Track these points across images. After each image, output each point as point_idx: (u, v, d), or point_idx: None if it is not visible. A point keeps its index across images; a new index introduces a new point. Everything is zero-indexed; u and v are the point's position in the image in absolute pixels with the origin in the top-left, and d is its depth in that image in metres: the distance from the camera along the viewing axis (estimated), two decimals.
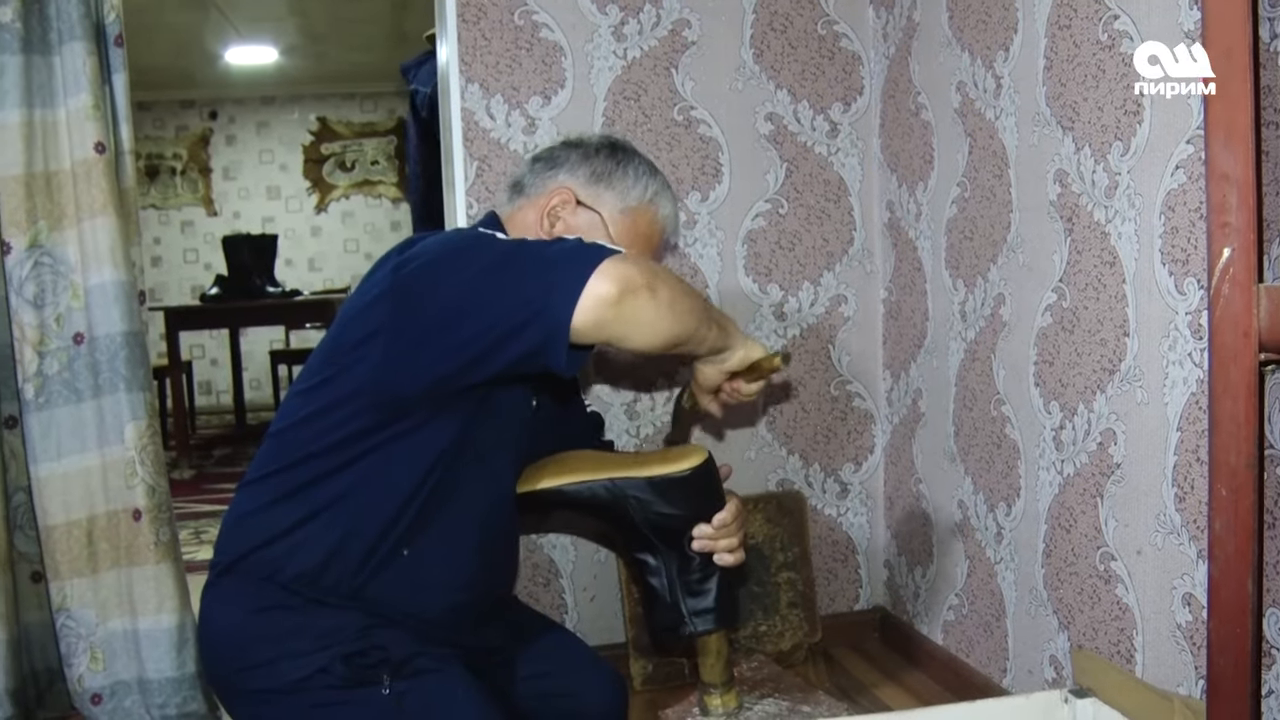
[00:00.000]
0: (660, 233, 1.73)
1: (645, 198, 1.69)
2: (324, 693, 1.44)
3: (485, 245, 1.42)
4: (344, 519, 1.48)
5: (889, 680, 2.53)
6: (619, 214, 1.67)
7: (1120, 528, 1.84)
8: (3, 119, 2.24)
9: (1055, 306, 1.98)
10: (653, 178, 1.71)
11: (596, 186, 1.67)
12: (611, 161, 1.69)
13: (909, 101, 2.50)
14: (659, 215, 1.72)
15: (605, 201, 1.67)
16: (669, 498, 1.63)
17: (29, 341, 2.26)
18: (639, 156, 1.74)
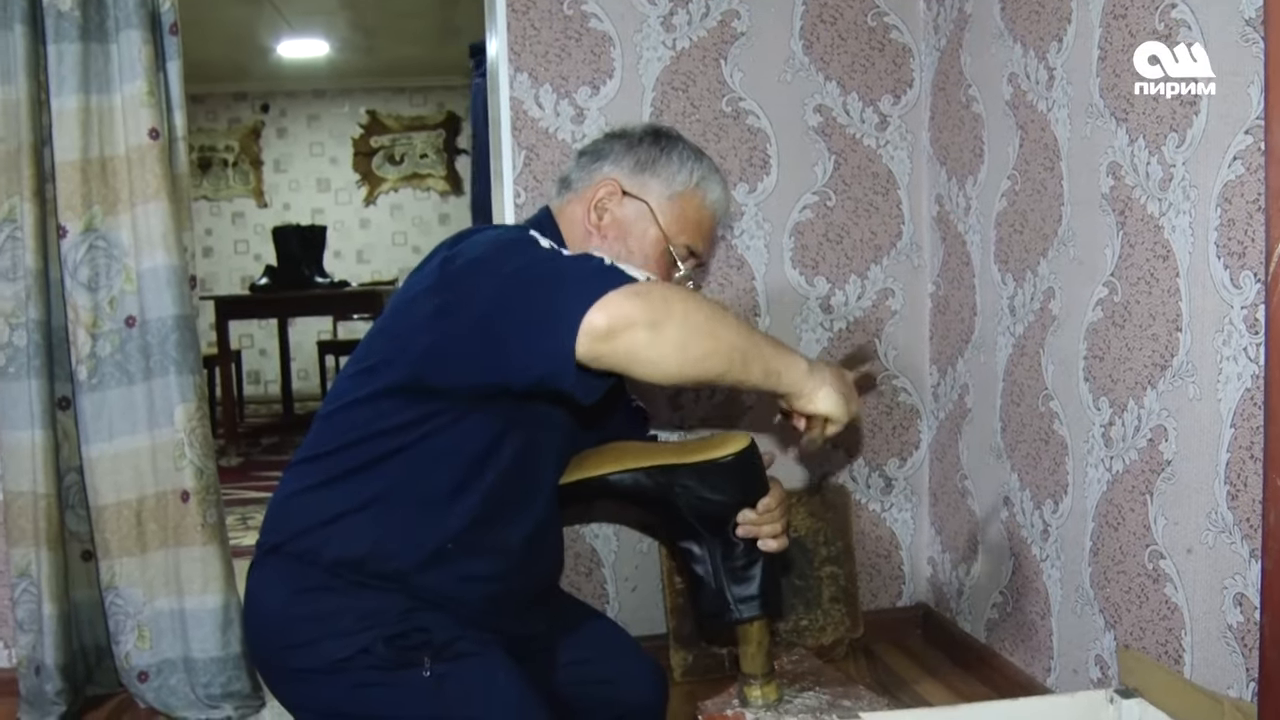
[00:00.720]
0: (711, 217, 1.70)
1: (691, 182, 1.65)
2: (365, 673, 1.45)
3: (521, 251, 1.38)
4: (388, 514, 1.49)
5: (931, 677, 2.51)
6: (665, 201, 1.63)
7: (1170, 526, 1.81)
8: (61, 105, 2.28)
9: (1106, 301, 1.95)
10: (698, 162, 1.67)
11: (641, 175, 1.64)
12: (655, 149, 1.66)
13: (960, 94, 2.47)
14: (707, 199, 1.67)
15: (651, 190, 1.64)
16: (713, 483, 1.63)
17: (82, 324, 2.30)
18: (684, 142, 1.70)
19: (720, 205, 1.71)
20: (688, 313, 1.30)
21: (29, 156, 2.28)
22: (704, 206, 1.67)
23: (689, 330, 1.29)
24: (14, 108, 2.27)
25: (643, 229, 1.63)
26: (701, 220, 1.67)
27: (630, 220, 1.63)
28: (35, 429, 2.30)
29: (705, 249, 1.72)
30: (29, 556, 2.33)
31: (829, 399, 1.45)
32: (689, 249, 1.66)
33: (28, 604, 2.34)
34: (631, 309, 1.25)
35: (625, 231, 1.63)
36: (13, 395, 2.31)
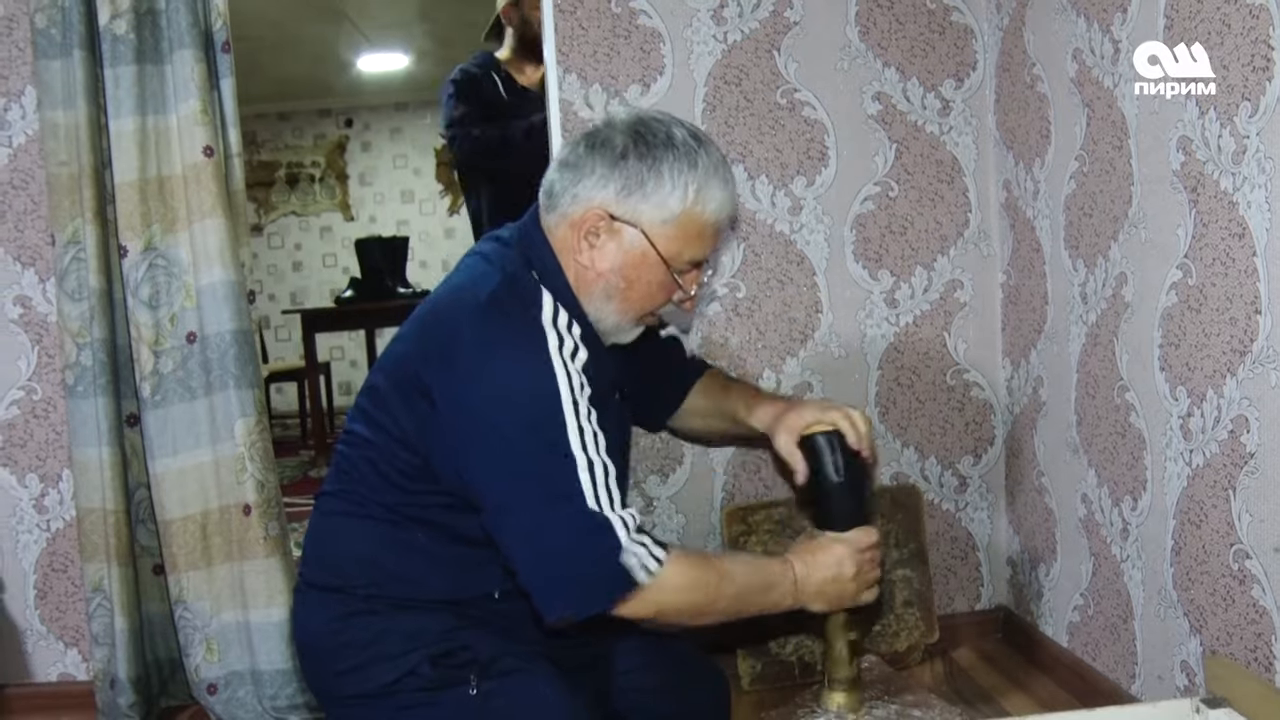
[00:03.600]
0: (715, 228, 1.53)
1: (688, 200, 1.47)
2: (414, 695, 1.45)
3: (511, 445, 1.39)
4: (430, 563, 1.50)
5: (1011, 684, 2.41)
6: (660, 226, 1.48)
7: (1255, 523, 1.69)
8: (119, 127, 2.32)
9: (1180, 284, 1.84)
10: (693, 170, 1.47)
11: (630, 199, 1.47)
12: (641, 166, 1.46)
13: (1024, 74, 2.36)
14: (708, 211, 1.50)
15: (643, 215, 1.47)
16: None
17: (145, 341, 2.33)
18: (673, 146, 1.48)
19: (725, 209, 1.53)
20: (684, 612, 1.44)
21: (90, 179, 2.32)
22: (705, 221, 1.51)
23: (692, 617, 1.46)
24: (74, 131, 2.32)
25: (639, 258, 1.49)
26: (704, 235, 1.52)
27: (625, 250, 1.49)
28: (103, 446, 2.34)
29: (713, 251, 1.60)
30: (101, 571, 2.37)
31: (820, 605, 1.58)
32: (694, 262, 1.53)
33: (101, 618, 2.38)
34: (650, 612, 1.41)
35: (622, 263, 1.50)
36: (82, 413, 2.35)
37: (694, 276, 1.55)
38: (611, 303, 1.51)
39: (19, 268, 2.48)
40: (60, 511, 2.52)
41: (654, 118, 1.51)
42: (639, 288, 1.51)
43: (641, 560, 1.36)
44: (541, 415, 1.37)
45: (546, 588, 1.37)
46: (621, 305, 1.52)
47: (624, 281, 1.50)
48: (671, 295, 1.54)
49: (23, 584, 2.54)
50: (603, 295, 1.51)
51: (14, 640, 2.55)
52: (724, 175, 1.51)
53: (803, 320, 2.54)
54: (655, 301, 1.54)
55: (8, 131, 2.46)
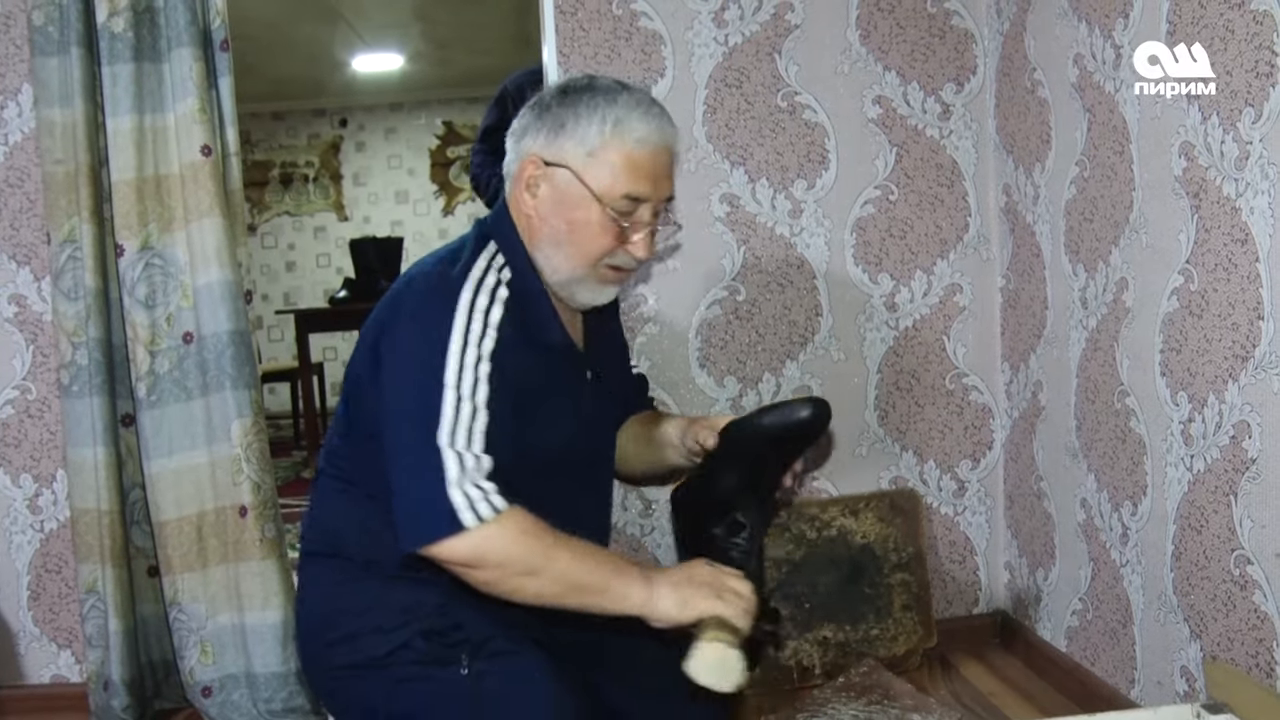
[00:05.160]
0: (645, 161, 1.48)
1: (606, 131, 1.47)
2: (407, 668, 1.46)
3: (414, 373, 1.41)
4: None
5: (1009, 689, 2.40)
6: (586, 160, 1.47)
7: (1256, 528, 1.69)
8: (116, 125, 2.31)
9: (1182, 290, 1.84)
10: (611, 104, 1.48)
11: (557, 140, 1.49)
12: (563, 109, 1.49)
13: (1025, 79, 2.36)
14: (630, 140, 1.47)
15: (569, 153, 1.48)
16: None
17: (141, 341, 2.32)
18: (595, 89, 1.50)
19: (652, 137, 1.49)
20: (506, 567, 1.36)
21: (87, 177, 2.31)
22: (629, 151, 1.47)
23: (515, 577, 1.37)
24: (72, 130, 2.31)
25: (575, 197, 1.48)
26: (635, 163, 1.48)
27: (561, 191, 1.50)
28: (98, 446, 2.32)
29: (655, 188, 1.51)
30: (96, 573, 2.35)
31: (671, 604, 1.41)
32: (631, 197, 1.48)
33: (95, 620, 2.37)
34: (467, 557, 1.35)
35: (559, 205, 1.50)
36: (77, 413, 2.34)
37: (638, 217, 1.51)
38: (560, 250, 1.50)
39: (14, 266, 2.47)
40: (54, 512, 2.51)
41: (584, 73, 1.60)
42: (581, 230, 1.49)
43: (473, 503, 1.33)
44: (428, 352, 1.40)
45: (397, 518, 1.37)
46: (570, 251, 1.50)
47: (565, 224, 1.49)
48: (616, 237, 1.50)
49: (16, 585, 2.53)
50: (551, 243, 1.51)
51: (7, 641, 2.53)
52: (647, 108, 1.49)
53: (803, 323, 2.54)
54: (601, 244, 1.50)
55: (4, 129, 2.44)
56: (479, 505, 1.33)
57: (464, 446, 1.35)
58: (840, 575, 2.49)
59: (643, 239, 1.52)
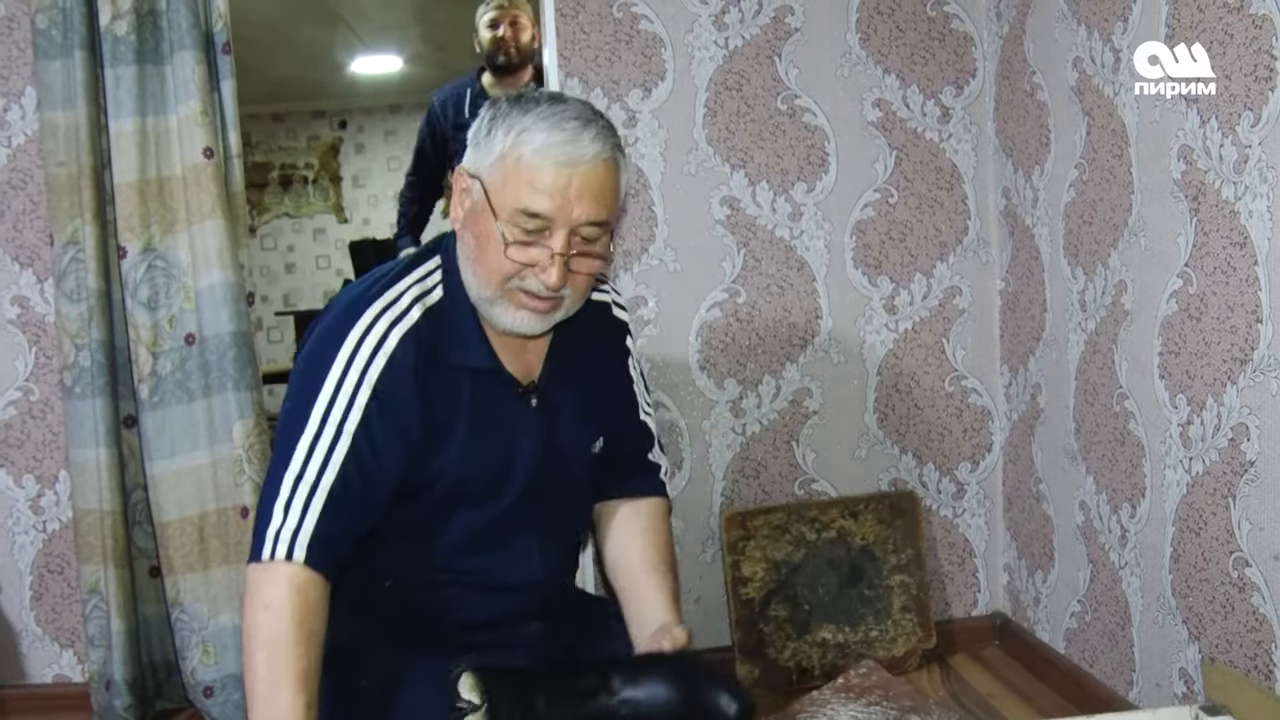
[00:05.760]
0: (548, 173, 1.30)
1: (508, 141, 1.31)
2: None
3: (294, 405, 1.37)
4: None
5: (1008, 690, 2.41)
6: (489, 171, 1.33)
7: (1255, 531, 1.70)
8: (119, 128, 2.31)
9: (1181, 293, 1.84)
10: (521, 115, 1.32)
11: (476, 151, 1.36)
12: (492, 119, 1.36)
13: (1024, 82, 2.37)
14: (526, 153, 1.30)
15: (480, 163, 1.35)
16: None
17: (143, 343, 2.33)
18: (525, 100, 1.35)
19: (553, 150, 1.30)
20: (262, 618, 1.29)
21: (90, 179, 2.32)
22: (527, 159, 1.30)
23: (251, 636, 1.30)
24: (74, 132, 2.31)
25: (480, 209, 1.35)
26: (531, 175, 1.30)
27: (473, 203, 1.37)
28: (100, 447, 2.33)
29: (559, 207, 1.31)
30: (98, 573, 2.36)
31: None
32: (528, 213, 1.30)
33: (98, 620, 2.37)
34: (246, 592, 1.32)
35: (472, 217, 1.37)
36: (79, 414, 2.35)
37: (548, 241, 1.32)
38: (469, 266, 1.38)
39: (17, 268, 2.47)
40: (57, 513, 2.51)
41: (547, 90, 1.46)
42: (484, 245, 1.34)
43: (277, 543, 1.28)
44: (308, 380, 1.35)
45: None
46: (477, 268, 1.36)
47: (474, 238, 1.36)
48: (519, 258, 1.32)
49: (19, 585, 2.53)
50: (464, 258, 1.39)
51: (9, 641, 2.54)
52: (557, 123, 1.31)
53: (802, 326, 2.54)
54: (502, 263, 1.33)
55: (7, 131, 2.45)
56: (278, 548, 1.28)
57: (300, 501, 1.30)
58: (839, 577, 2.50)
59: (549, 265, 1.32)
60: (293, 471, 1.30)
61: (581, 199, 1.31)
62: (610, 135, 1.35)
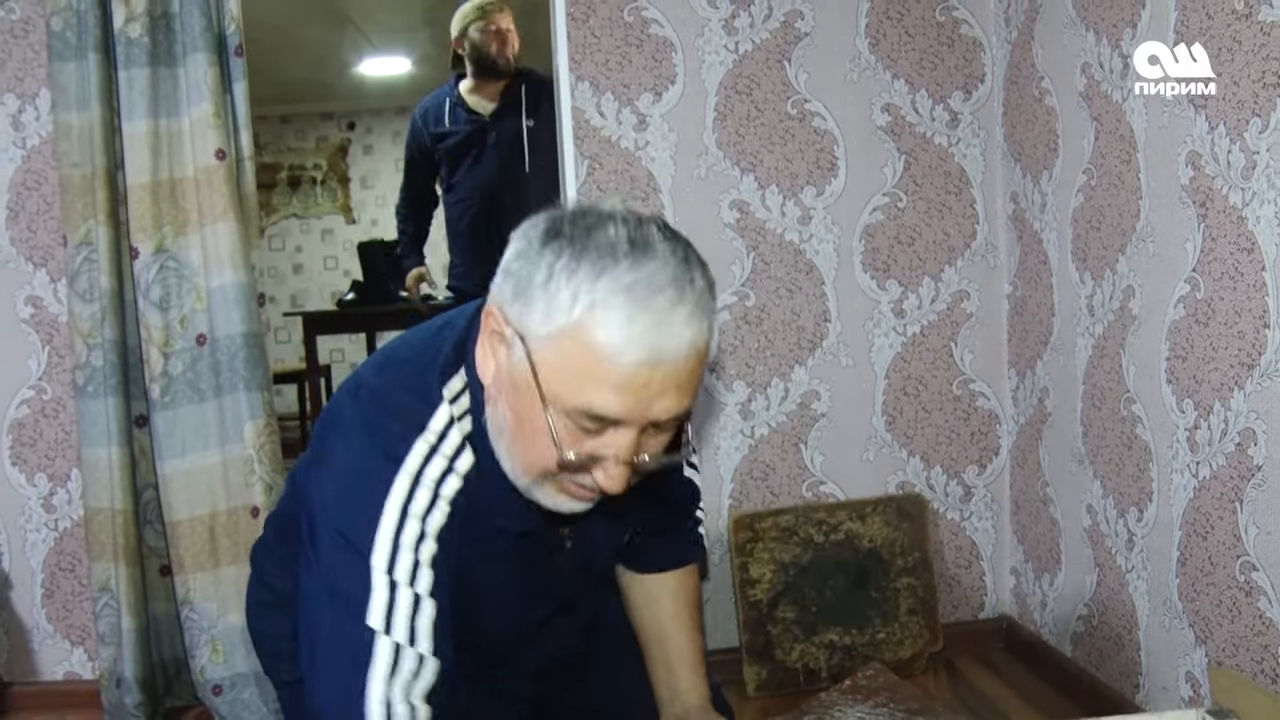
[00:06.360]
0: (626, 375, 0.99)
1: (574, 314, 0.99)
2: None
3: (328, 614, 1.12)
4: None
5: (1014, 693, 2.42)
6: (542, 341, 1.02)
7: (1262, 535, 1.70)
8: (132, 129, 2.33)
9: (1188, 298, 1.85)
10: (594, 277, 0.99)
11: (521, 297, 1.03)
12: (543, 257, 1.02)
13: (1032, 87, 2.38)
14: (599, 341, 0.98)
15: (528, 322, 1.03)
16: None
17: (155, 343, 2.34)
18: (589, 239, 1.01)
19: (632, 342, 0.98)
20: None
21: (103, 180, 2.33)
22: (598, 350, 0.99)
23: None
24: (88, 133, 2.33)
25: (522, 384, 1.05)
26: (604, 371, 0.99)
27: (512, 368, 1.06)
28: (112, 446, 2.34)
29: (636, 410, 1.02)
30: (109, 571, 2.37)
31: None
32: (589, 414, 1.02)
33: (108, 618, 2.39)
34: None
35: (510, 385, 1.07)
36: (91, 414, 2.36)
37: (610, 440, 1.05)
38: (502, 442, 1.12)
39: (31, 268, 2.49)
40: (68, 511, 2.53)
41: (616, 209, 1.06)
42: (525, 430, 1.07)
43: (394, 713, 1.07)
44: (355, 519, 1.10)
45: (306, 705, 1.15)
46: (512, 450, 1.11)
47: (511, 415, 1.08)
48: (567, 457, 1.05)
49: (30, 582, 2.55)
50: (496, 430, 1.13)
51: (21, 638, 2.55)
52: (643, 298, 0.98)
53: (811, 329, 2.55)
54: (545, 457, 1.07)
55: (22, 133, 2.47)
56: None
57: (405, 639, 1.08)
58: (847, 579, 2.51)
59: (611, 470, 1.06)
60: (391, 634, 1.08)
61: (664, 396, 1.02)
62: (706, 301, 1.04)
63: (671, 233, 1.06)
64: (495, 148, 3.61)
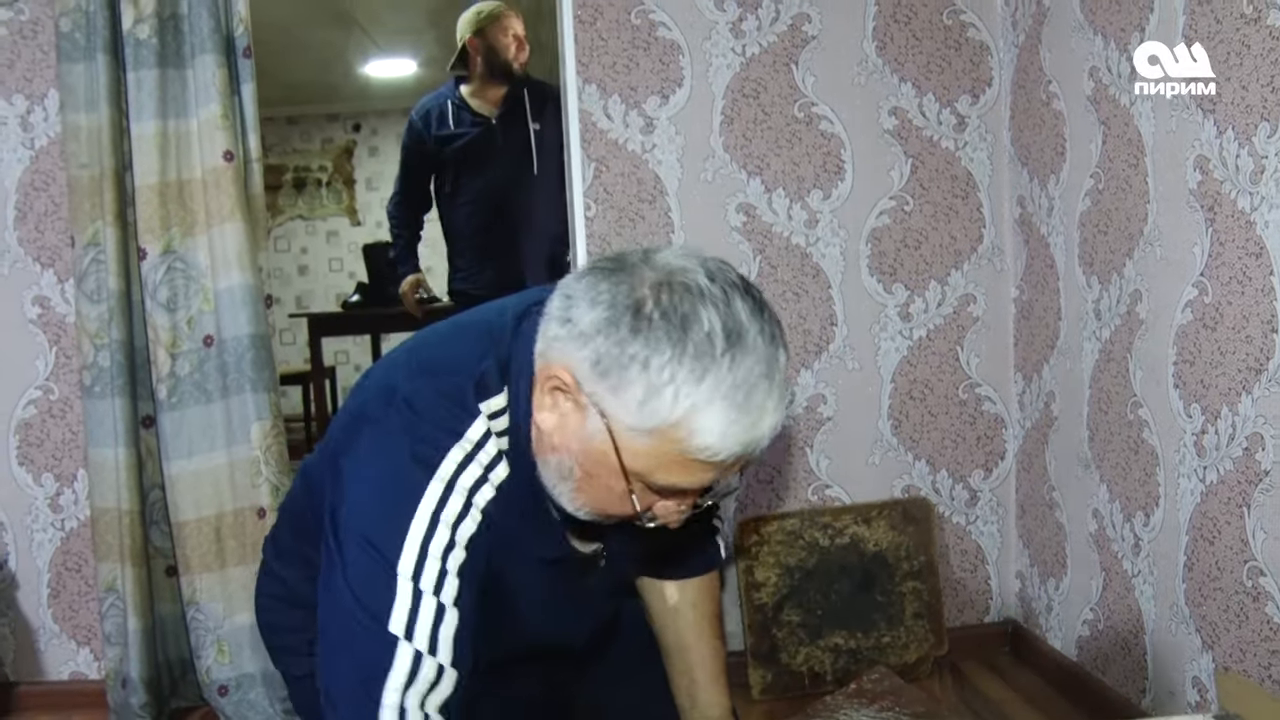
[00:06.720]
0: (705, 464, 1.04)
1: (672, 417, 1.01)
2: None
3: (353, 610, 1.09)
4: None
5: (1019, 697, 2.41)
6: (629, 432, 1.04)
7: (1270, 540, 1.70)
8: (140, 130, 2.33)
9: (1196, 302, 1.85)
10: (694, 382, 1.00)
11: (603, 381, 1.03)
12: (633, 343, 1.01)
13: (1040, 91, 2.38)
14: (695, 444, 1.02)
15: (612, 407, 1.04)
16: None
17: (162, 344, 2.35)
18: (686, 334, 1.01)
19: (727, 445, 1.02)
20: None
21: (111, 181, 2.34)
22: (691, 449, 1.02)
23: None
24: (97, 134, 2.33)
25: (599, 454, 1.07)
26: (688, 464, 1.05)
27: (587, 436, 1.08)
28: (119, 447, 2.35)
29: (709, 479, 1.10)
30: (115, 571, 2.38)
31: None
32: (670, 489, 1.09)
33: (114, 618, 2.39)
34: None
35: (581, 448, 1.09)
36: (98, 414, 2.37)
37: (675, 501, 1.13)
38: (565, 484, 1.14)
39: (39, 268, 2.50)
40: (75, 511, 2.54)
41: (699, 283, 1.05)
42: (597, 487, 1.11)
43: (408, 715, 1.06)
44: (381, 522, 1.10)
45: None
46: (575, 494, 1.14)
47: (580, 470, 1.11)
48: (638, 509, 1.11)
49: (37, 582, 2.56)
50: (556, 472, 1.14)
51: (27, 638, 2.56)
52: (741, 401, 1.01)
53: (817, 332, 2.55)
54: (615, 510, 1.13)
55: (30, 134, 2.47)
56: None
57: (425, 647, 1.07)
58: (852, 583, 2.51)
59: (673, 514, 1.14)
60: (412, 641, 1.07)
61: (737, 465, 1.08)
62: (787, 386, 1.08)
63: (756, 303, 1.08)
64: (503, 151, 3.61)
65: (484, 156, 3.63)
